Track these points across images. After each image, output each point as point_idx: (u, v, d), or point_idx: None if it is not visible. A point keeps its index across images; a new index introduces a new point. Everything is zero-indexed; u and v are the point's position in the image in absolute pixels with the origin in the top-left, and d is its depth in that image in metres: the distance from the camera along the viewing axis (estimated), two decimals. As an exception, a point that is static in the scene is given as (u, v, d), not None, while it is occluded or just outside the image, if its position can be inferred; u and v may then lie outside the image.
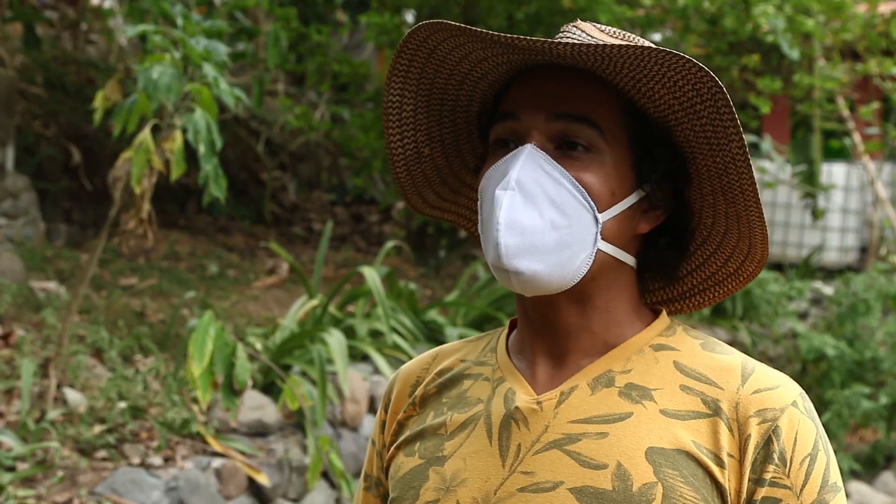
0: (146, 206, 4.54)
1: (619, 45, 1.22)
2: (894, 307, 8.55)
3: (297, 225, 9.35)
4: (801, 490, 1.27)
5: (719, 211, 1.36)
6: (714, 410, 1.28)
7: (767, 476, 1.27)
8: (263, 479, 4.44)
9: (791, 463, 1.27)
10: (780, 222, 11.35)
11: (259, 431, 4.69)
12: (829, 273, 10.77)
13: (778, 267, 10.59)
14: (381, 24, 8.06)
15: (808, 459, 1.28)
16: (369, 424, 5.26)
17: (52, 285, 5.92)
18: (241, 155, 9.42)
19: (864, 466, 7.86)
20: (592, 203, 1.28)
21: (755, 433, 1.27)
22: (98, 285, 6.27)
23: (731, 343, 8.18)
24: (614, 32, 1.35)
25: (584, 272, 1.29)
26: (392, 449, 1.44)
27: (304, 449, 4.73)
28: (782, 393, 1.30)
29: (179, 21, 4.75)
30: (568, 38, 1.33)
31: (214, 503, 4.22)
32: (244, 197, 9.17)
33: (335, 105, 9.65)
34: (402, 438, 1.42)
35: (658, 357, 1.33)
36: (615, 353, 1.33)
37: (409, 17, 9.09)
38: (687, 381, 1.31)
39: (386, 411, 1.49)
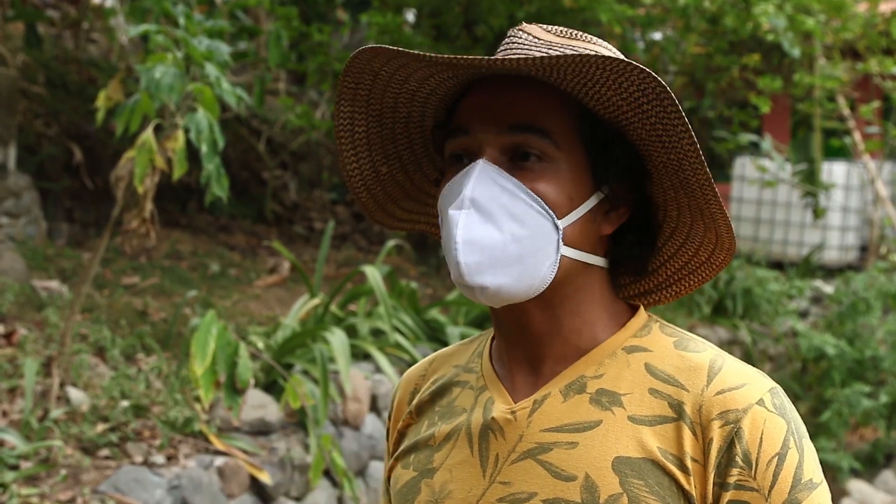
0: (149, 206, 4.55)
1: (558, 56, 1.22)
2: (894, 306, 8.57)
3: (299, 224, 9.36)
4: (770, 491, 1.24)
5: (682, 204, 1.35)
6: (678, 414, 1.27)
7: (732, 479, 1.24)
8: (266, 478, 4.45)
9: (757, 464, 1.25)
10: (780, 221, 11.36)
11: (261, 430, 4.70)
12: (830, 272, 10.79)
13: (778, 265, 10.61)
14: (382, 24, 8.07)
15: (776, 459, 1.25)
16: (371, 423, 5.27)
17: (54, 284, 5.93)
18: (242, 154, 9.43)
19: (865, 465, 7.87)
20: (551, 211, 1.28)
21: (717, 436, 1.25)
22: (100, 284, 6.28)
23: (732, 342, 8.20)
24: (561, 32, 1.34)
25: (550, 279, 1.29)
26: (392, 460, 1.46)
27: (307, 447, 4.74)
28: (746, 392, 1.27)
29: (181, 21, 4.76)
30: (514, 44, 1.33)
31: (217, 502, 4.23)
32: (246, 196, 9.18)
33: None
34: (400, 449, 1.45)
35: (630, 360, 1.32)
36: (588, 358, 1.33)
37: (410, 16, 9.11)
38: (655, 384, 1.30)
39: (390, 419, 1.52)
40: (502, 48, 1.35)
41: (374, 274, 5.68)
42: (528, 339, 1.35)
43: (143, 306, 5.92)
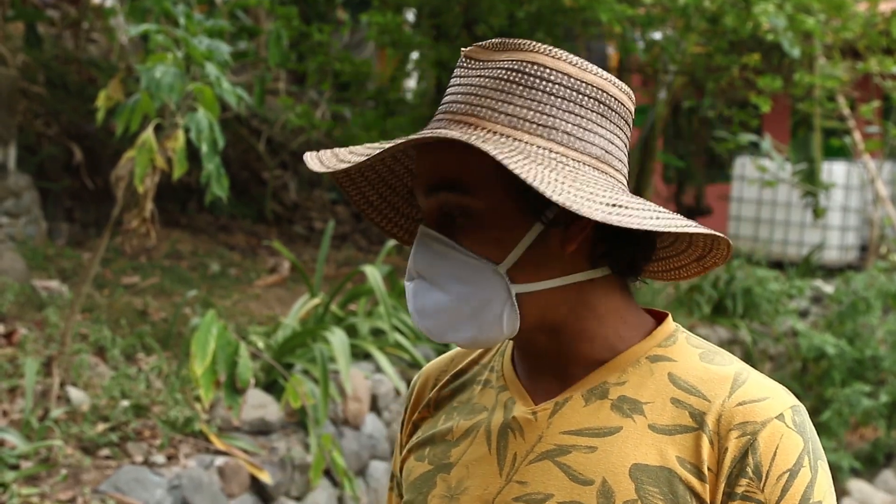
0: (149, 205, 4.55)
1: (408, 140, 1.24)
2: (894, 305, 8.57)
3: (299, 224, 9.36)
4: None
5: None
6: (699, 424, 1.27)
7: (740, 490, 1.25)
8: (266, 478, 4.45)
9: (767, 477, 1.25)
10: (780, 221, 11.37)
11: (261, 430, 4.70)
12: (830, 271, 10.79)
13: (778, 265, 10.61)
14: (382, 23, 8.07)
15: (787, 475, 1.25)
16: (371, 423, 5.27)
17: (54, 284, 5.93)
18: (242, 154, 9.43)
19: (865, 464, 7.87)
20: (486, 260, 1.29)
21: (732, 446, 1.25)
22: (100, 284, 6.28)
23: (732, 342, 8.20)
24: (498, 45, 1.33)
25: (517, 320, 1.30)
26: (405, 451, 1.46)
27: (307, 447, 4.74)
28: (767, 406, 1.27)
29: (181, 20, 4.76)
30: (457, 78, 1.33)
31: (217, 501, 4.23)
32: (246, 196, 9.18)
33: (336, 104, 9.66)
34: (414, 441, 1.45)
35: (654, 369, 1.32)
36: (612, 365, 1.33)
37: (410, 15, 9.11)
38: (678, 394, 1.30)
39: (406, 411, 1.52)
40: (451, 81, 1.35)
41: (374, 274, 5.68)
42: (542, 357, 1.35)
43: (143, 306, 5.91)
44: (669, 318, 1.38)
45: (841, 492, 7.39)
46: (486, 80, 1.30)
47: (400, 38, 8.35)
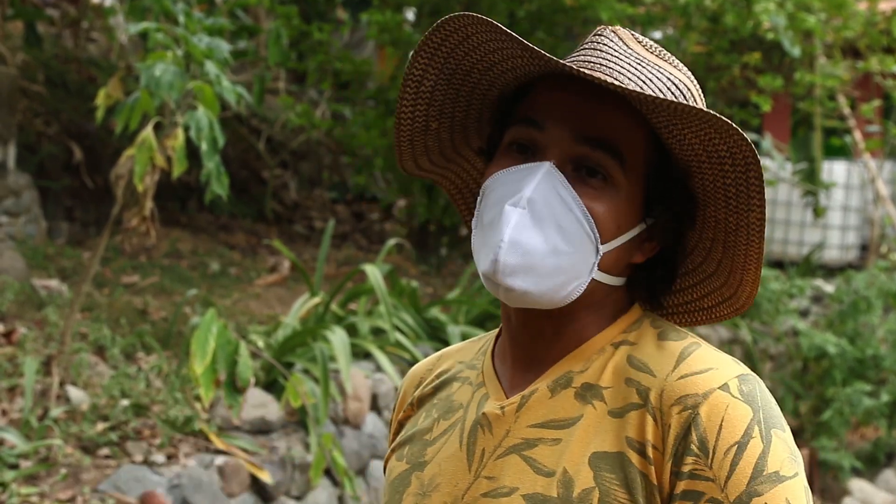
0: (149, 204, 4.54)
1: (668, 102, 1.21)
2: (895, 305, 8.56)
3: (299, 223, 9.35)
4: (726, 482, 1.19)
5: (713, 258, 1.35)
6: (644, 400, 1.25)
7: (687, 468, 1.20)
8: (266, 477, 4.44)
9: (714, 452, 1.20)
10: (780, 220, 11.35)
11: (262, 429, 4.69)
12: (830, 271, 10.78)
13: (779, 265, 10.59)
14: (382, 22, 8.06)
15: (735, 448, 1.19)
16: (372, 422, 5.27)
17: (54, 283, 5.92)
18: (242, 153, 9.42)
19: (866, 464, 7.87)
20: (597, 234, 1.27)
21: (675, 423, 1.21)
22: (100, 283, 6.27)
23: (733, 341, 8.19)
24: (650, 46, 1.33)
25: (574, 298, 1.29)
26: (388, 451, 1.47)
27: (307, 446, 4.73)
28: (710, 376, 1.23)
29: (181, 19, 4.75)
30: (601, 46, 1.32)
31: (217, 501, 4.23)
32: (245, 195, 9.17)
33: (336, 103, 9.64)
34: (397, 440, 1.46)
35: (616, 354, 1.31)
36: (577, 354, 1.32)
37: (410, 14, 9.10)
38: (631, 373, 1.28)
39: (394, 411, 1.53)
40: (586, 47, 1.33)
41: (374, 273, 5.67)
42: (533, 339, 1.34)
43: (143, 305, 5.91)
44: (636, 305, 1.37)
45: (842, 491, 7.38)
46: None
47: (400, 36, 8.33)
